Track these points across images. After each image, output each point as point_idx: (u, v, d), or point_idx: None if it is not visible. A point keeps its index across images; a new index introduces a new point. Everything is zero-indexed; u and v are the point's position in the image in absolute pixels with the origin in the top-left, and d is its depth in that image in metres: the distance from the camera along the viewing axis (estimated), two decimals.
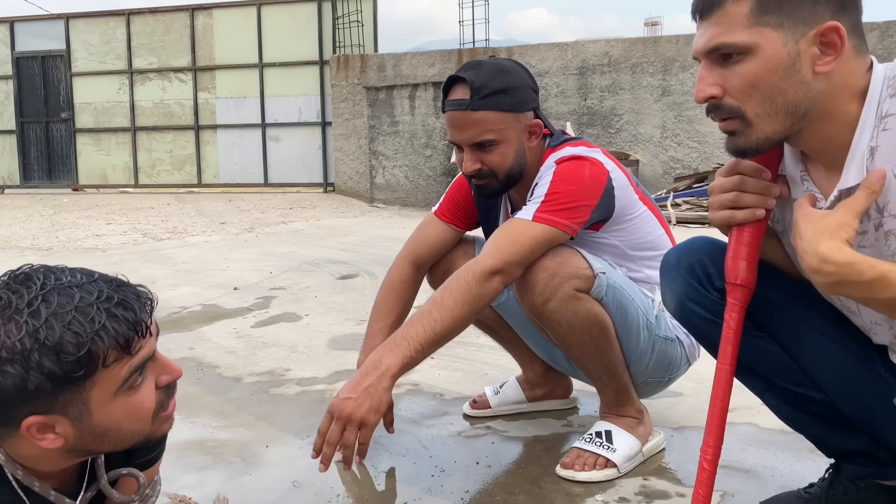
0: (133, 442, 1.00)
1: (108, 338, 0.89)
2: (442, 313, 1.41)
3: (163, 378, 0.98)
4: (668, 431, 1.80)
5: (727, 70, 1.02)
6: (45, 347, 0.86)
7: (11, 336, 0.86)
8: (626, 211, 1.57)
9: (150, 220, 7.68)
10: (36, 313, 0.87)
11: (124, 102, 10.69)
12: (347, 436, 1.34)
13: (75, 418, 0.91)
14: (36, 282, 0.90)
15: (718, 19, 1.01)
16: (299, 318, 3.20)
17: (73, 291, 0.90)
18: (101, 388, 0.91)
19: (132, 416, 0.96)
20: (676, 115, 7.68)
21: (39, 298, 0.88)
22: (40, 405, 0.89)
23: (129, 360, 0.93)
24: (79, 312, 0.88)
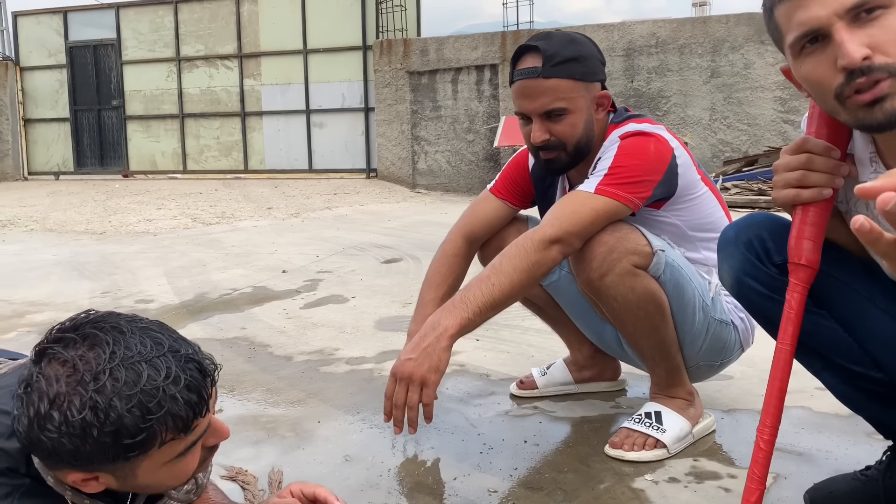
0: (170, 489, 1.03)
1: (169, 422, 0.89)
2: (500, 278, 1.41)
3: (210, 440, 0.99)
4: (719, 414, 1.79)
5: (872, 27, 0.95)
6: (105, 426, 0.85)
7: (73, 410, 0.85)
8: (688, 190, 1.56)
9: (199, 205, 7.84)
10: (102, 389, 0.85)
11: (172, 90, 10.91)
12: (411, 396, 1.36)
13: (121, 478, 0.93)
14: (105, 348, 0.88)
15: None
16: (346, 300, 3.25)
17: (141, 368, 0.88)
18: (153, 461, 0.92)
19: (175, 478, 0.98)
20: (726, 97, 7.52)
21: (107, 373, 0.86)
22: (90, 467, 0.90)
23: (186, 439, 0.93)
24: (144, 395, 0.87)
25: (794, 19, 0.99)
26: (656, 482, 1.48)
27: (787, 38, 1.03)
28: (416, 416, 1.38)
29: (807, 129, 1.17)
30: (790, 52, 1.04)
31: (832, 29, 0.96)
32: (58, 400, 0.85)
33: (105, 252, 4.98)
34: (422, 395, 1.37)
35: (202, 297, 3.32)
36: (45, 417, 0.85)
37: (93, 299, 3.47)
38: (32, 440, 0.88)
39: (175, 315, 3.03)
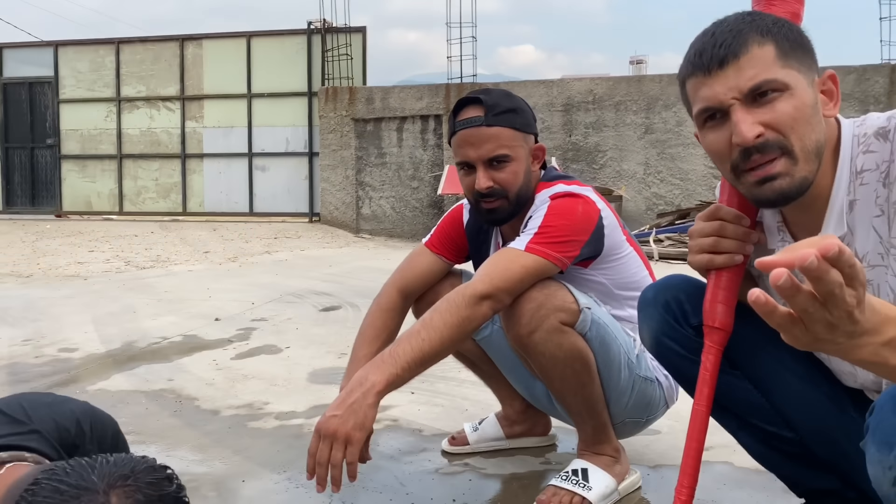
0: None
1: None
2: (430, 333, 1.41)
3: None
4: (645, 469, 1.81)
5: (765, 109, 1.01)
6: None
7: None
8: (614, 250, 1.61)
9: (134, 247, 7.64)
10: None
11: (111, 130, 10.71)
12: (334, 454, 1.33)
13: None
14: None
15: (747, 62, 1.00)
16: (280, 350, 3.19)
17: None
18: None
19: None
20: (659, 153, 7.80)
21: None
22: None
23: None
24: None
25: (699, 95, 1.06)
26: None
27: (693, 110, 1.09)
28: (340, 474, 1.35)
29: (719, 197, 1.23)
30: (696, 123, 1.10)
31: (730, 109, 1.03)
32: None
33: (30, 297, 4.78)
34: (346, 453, 1.34)
35: (130, 346, 3.21)
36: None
37: (12, 347, 3.32)
38: None
39: (100, 365, 2.92)
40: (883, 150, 1.02)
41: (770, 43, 1.01)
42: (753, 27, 1.02)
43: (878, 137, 1.03)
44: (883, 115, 1.06)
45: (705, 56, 1.03)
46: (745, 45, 1.01)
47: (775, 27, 1.02)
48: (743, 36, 1.01)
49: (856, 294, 0.74)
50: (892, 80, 7.30)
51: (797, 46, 1.02)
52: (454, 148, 1.63)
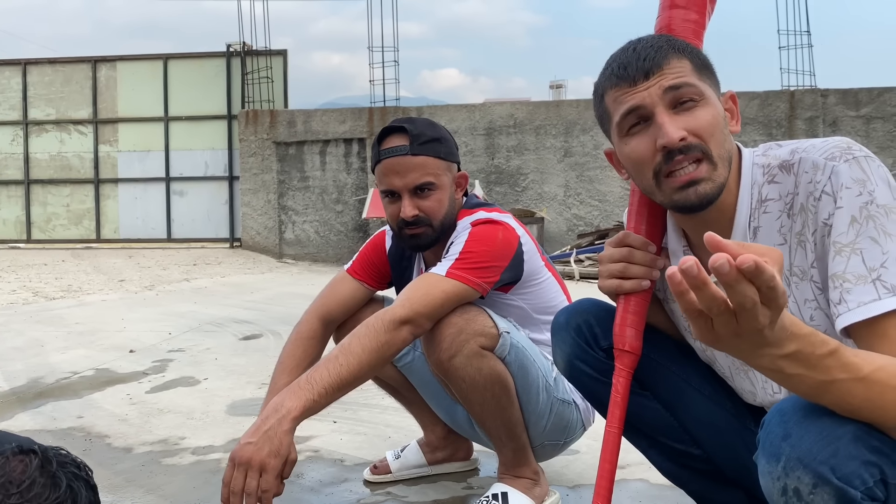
0: None
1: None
2: (349, 359, 1.40)
3: None
4: (564, 490, 1.84)
5: (686, 116, 1.06)
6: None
7: None
8: (533, 275, 1.64)
9: (43, 277, 7.28)
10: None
11: (18, 154, 10.23)
12: (249, 482, 1.30)
13: None
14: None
15: (668, 71, 1.07)
16: (198, 382, 3.09)
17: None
18: None
19: None
20: (578, 175, 8.02)
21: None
22: None
23: None
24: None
25: (623, 103, 1.10)
26: None
27: (614, 119, 1.12)
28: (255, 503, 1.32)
29: (626, 224, 1.27)
30: (616, 133, 1.14)
31: (655, 111, 1.07)
32: None
33: None
34: (260, 482, 1.31)
35: (36, 383, 3.05)
36: None
37: None
38: None
39: (2, 404, 2.76)
40: (787, 182, 1.08)
41: (686, 58, 1.09)
42: (670, 45, 1.10)
43: (782, 170, 1.09)
44: (785, 148, 1.12)
45: (630, 69, 1.08)
46: (666, 58, 1.08)
47: (687, 48, 1.10)
48: (664, 51, 1.08)
49: (769, 315, 0.76)
50: (791, 105, 7.76)
51: (705, 66, 1.11)
52: (378, 176, 1.64)
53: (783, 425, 0.92)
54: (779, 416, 0.94)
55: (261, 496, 1.31)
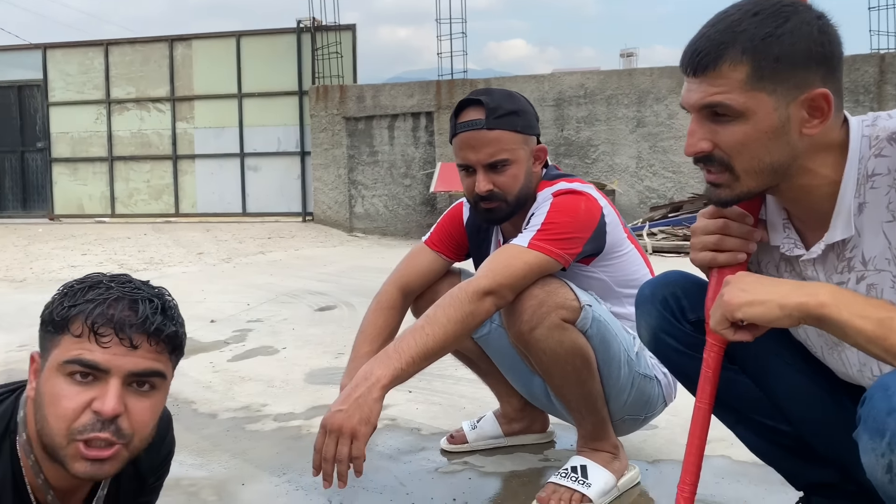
0: (49, 446, 0.99)
1: (87, 310, 0.98)
2: (434, 329, 1.42)
3: (96, 403, 0.97)
4: (644, 465, 1.82)
5: (719, 126, 1.05)
6: (65, 292, 1.02)
7: (69, 282, 1.05)
8: (615, 248, 1.62)
9: (127, 250, 7.61)
10: (99, 276, 1.05)
11: (102, 132, 10.66)
12: (340, 449, 1.33)
13: (41, 368, 1.01)
14: (116, 274, 1.07)
15: (713, 80, 1.03)
16: (276, 351, 3.19)
17: (135, 283, 1.04)
18: (57, 354, 0.99)
19: (52, 405, 0.98)
20: (651, 146, 7.81)
21: (119, 276, 1.06)
22: (40, 340, 1.03)
23: (87, 347, 0.97)
24: (105, 288, 1.01)
25: (684, 89, 1.12)
26: None
27: None
28: (346, 470, 1.35)
29: None
30: None
31: (692, 114, 1.09)
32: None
33: (24, 302, 4.76)
34: (352, 448, 1.34)
35: None
36: None
37: (9, 353, 3.31)
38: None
39: None
40: (895, 156, 1.02)
41: (746, 64, 1.00)
42: (739, 40, 1.00)
43: (890, 142, 1.02)
44: (895, 119, 1.05)
45: (684, 59, 1.07)
46: (717, 62, 1.02)
47: (763, 43, 0.99)
48: (720, 50, 1.01)
49: None
50: (881, 69, 7.33)
51: (785, 63, 0.99)
52: (455, 149, 1.63)
53: (888, 400, 0.89)
54: (882, 391, 0.90)
55: (352, 462, 1.34)
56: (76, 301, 0.99)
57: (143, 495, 1.20)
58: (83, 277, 1.06)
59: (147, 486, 1.20)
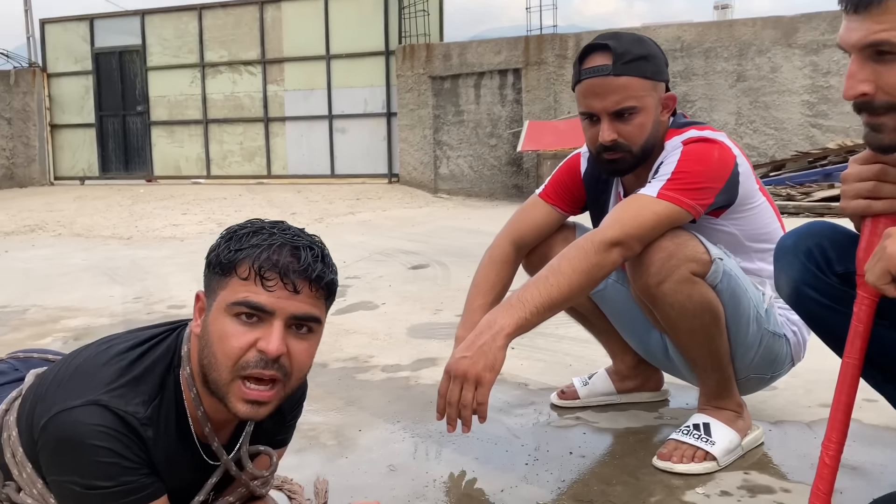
0: (214, 382, 1.06)
1: (254, 255, 1.02)
2: (559, 279, 1.39)
3: (262, 342, 1.02)
4: (766, 425, 1.75)
5: (883, 67, 0.99)
6: (230, 237, 1.06)
7: (231, 227, 1.10)
8: (747, 199, 1.54)
9: (224, 210, 7.89)
10: (261, 223, 1.09)
11: (196, 95, 11.01)
12: (465, 394, 1.34)
13: (208, 308, 1.07)
14: (273, 221, 1.11)
15: (880, 16, 0.97)
16: (376, 306, 3.24)
17: (294, 230, 1.08)
18: (223, 295, 1.04)
19: (219, 343, 1.04)
20: (752, 101, 7.45)
21: (280, 223, 1.09)
22: (206, 281, 1.08)
23: (253, 290, 1.01)
24: (269, 234, 1.05)
25: (842, 27, 1.06)
26: (708, 496, 1.45)
27: None
28: (470, 415, 1.36)
29: None
30: None
31: (851, 56, 1.03)
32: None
33: (134, 257, 5.01)
34: (476, 394, 1.34)
35: None
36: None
37: (125, 304, 3.50)
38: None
39: None
40: None
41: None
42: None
43: None
44: None
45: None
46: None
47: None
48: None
49: None
50: None
51: None
52: (578, 97, 1.58)
53: None
54: None
55: (476, 408, 1.35)
56: (241, 245, 1.04)
57: (280, 432, 1.26)
58: (245, 223, 1.10)
59: (285, 423, 1.25)
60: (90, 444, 1.02)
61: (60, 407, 1.05)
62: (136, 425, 1.04)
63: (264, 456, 1.23)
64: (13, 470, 1.13)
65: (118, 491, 1.04)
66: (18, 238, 6.49)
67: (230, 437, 1.18)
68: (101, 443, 1.02)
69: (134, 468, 1.04)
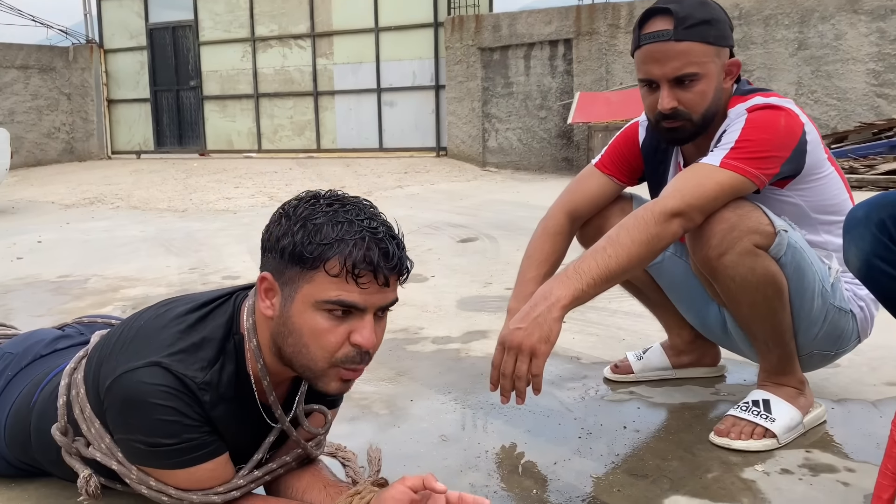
0: (302, 366, 1.08)
1: (344, 253, 1.01)
2: (617, 250, 1.35)
3: (356, 336, 1.05)
4: (829, 404, 1.70)
5: None
6: (307, 226, 1.03)
7: (299, 207, 1.06)
8: (815, 169, 1.47)
9: (275, 183, 7.99)
10: (329, 208, 1.05)
11: (247, 70, 11.11)
12: (519, 366, 1.33)
13: (285, 297, 1.06)
14: (351, 197, 1.09)
15: None
16: (426, 279, 3.24)
17: (366, 213, 1.05)
18: (310, 289, 1.03)
19: (312, 337, 1.05)
20: (814, 71, 7.16)
21: (345, 203, 1.06)
22: (277, 266, 1.06)
23: (345, 288, 1.02)
24: (349, 224, 1.03)
25: None
26: (768, 473, 1.41)
27: None
28: (525, 387, 1.35)
29: None
30: None
31: None
32: (287, 207, 1.08)
33: (189, 229, 5.12)
34: (531, 366, 1.33)
35: None
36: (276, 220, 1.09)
37: (182, 275, 3.58)
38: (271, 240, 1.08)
39: None
40: None
41: None
42: None
43: None
44: None
45: None
46: None
47: None
48: None
49: None
50: None
51: None
52: (637, 63, 1.52)
53: None
54: None
55: (530, 380, 1.33)
56: (323, 238, 1.03)
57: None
58: (309, 203, 1.07)
59: None
60: (153, 403, 1.05)
61: (124, 368, 1.08)
62: (194, 388, 1.08)
63: (317, 415, 1.26)
64: (82, 425, 1.18)
65: (180, 448, 1.08)
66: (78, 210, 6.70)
67: (284, 397, 1.22)
68: (162, 402, 1.06)
69: (195, 426, 1.08)
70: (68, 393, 1.22)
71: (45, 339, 1.49)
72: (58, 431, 1.22)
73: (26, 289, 3.37)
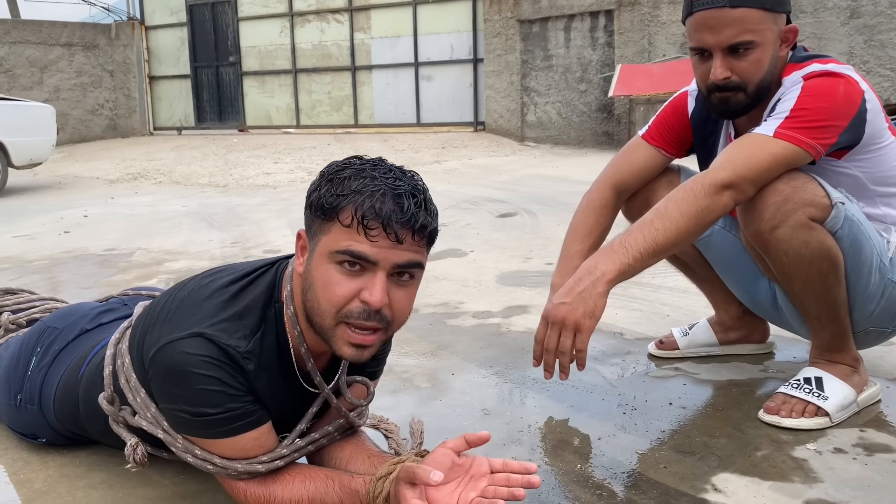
0: (317, 325, 1.07)
1: (357, 202, 1.00)
2: (665, 223, 1.31)
3: (365, 293, 1.02)
4: (884, 382, 1.65)
5: None
6: (333, 180, 1.04)
7: (336, 165, 1.08)
8: (874, 139, 1.41)
9: (314, 159, 8.03)
10: (361, 165, 1.06)
11: (286, 45, 11.14)
12: (563, 341, 1.30)
13: (310, 251, 1.07)
14: (372, 159, 1.09)
15: None
16: (465, 253, 3.23)
17: (396, 173, 1.05)
18: (326, 241, 1.03)
19: (323, 289, 1.04)
20: (867, 40, 6.90)
21: (378, 164, 1.07)
22: (308, 221, 1.08)
23: (356, 238, 1.00)
24: (371, 179, 1.02)
25: None
26: (820, 452, 1.38)
27: None
28: (569, 362, 1.32)
29: None
30: None
31: None
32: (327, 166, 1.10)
33: (230, 204, 5.18)
34: (575, 341, 1.31)
35: None
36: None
37: (223, 248, 3.62)
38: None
39: None
40: None
41: None
42: None
43: None
44: None
45: None
46: None
47: None
48: None
49: None
50: None
51: None
52: (689, 30, 1.46)
53: None
54: None
55: (575, 356, 1.31)
56: (343, 190, 1.02)
57: (371, 365, 1.27)
58: (346, 160, 1.08)
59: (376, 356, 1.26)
60: (196, 373, 1.06)
61: (167, 339, 1.09)
62: (237, 358, 1.08)
63: (359, 386, 1.26)
64: (128, 395, 1.19)
65: (224, 417, 1.08)
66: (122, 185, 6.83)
67: (325, 368, 1.22)
68: (206, 372, 1.06)
69: (238, 395, 1.09)
70: (114, 363, 1.23)
71: (89, 314, 1.52)
72: (105, 401, 1.24)
73: (74, 262, 3.45)
